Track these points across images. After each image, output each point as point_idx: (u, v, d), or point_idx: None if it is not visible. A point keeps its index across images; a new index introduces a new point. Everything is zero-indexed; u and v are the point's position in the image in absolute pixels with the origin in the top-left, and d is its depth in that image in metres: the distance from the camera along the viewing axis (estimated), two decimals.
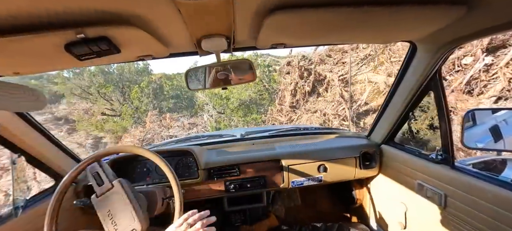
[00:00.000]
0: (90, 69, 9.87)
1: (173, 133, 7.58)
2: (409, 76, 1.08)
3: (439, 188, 1.00)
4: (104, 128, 9.05)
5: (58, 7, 0.48)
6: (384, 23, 0.71)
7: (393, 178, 1.34)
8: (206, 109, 8.44)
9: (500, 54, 3.75)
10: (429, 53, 0.93)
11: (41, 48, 0.63)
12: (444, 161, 1.00)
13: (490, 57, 3.85)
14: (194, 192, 1.33)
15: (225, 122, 7.85)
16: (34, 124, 1.04)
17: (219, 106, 8.09)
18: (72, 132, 9.91)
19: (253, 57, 8.01)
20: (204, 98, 8.52)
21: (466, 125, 0.99)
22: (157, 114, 8.70)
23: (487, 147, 1.01)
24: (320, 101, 6.31)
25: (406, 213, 1.25)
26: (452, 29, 0.76)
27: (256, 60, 8.04)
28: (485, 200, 0.82)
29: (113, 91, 9.83)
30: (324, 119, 5.94)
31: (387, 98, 1.27)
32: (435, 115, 3.80)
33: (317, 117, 6.08)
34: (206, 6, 0.52)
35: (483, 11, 0.63)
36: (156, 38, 0.70)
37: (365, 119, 5.57)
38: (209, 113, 8.21)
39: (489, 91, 3.81)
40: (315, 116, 6.15)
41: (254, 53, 8.08)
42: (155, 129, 7.87)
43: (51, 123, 11.15)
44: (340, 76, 6.06)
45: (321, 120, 6.00)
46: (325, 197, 1.91)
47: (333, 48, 6.32)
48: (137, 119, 9.10)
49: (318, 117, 6.06)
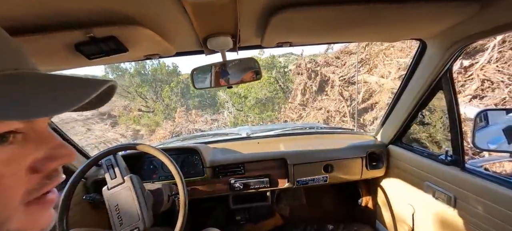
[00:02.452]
0: (130, 71, 11.65)
1: (198, 127, 8.75)
2: (418, 76, 1.05)
3: (448, 190, 0.98)
4: (141, 122, 10.49)
5: (67, 7, 0.49)
6: (393, 21, 0.70)
7: (400, 179, 1.31)
8: (226, 107, 9.28)
9: (479, 58, 4.24)
10: (439, 52, 0.90)
11: (53, 48, 0.65)
12: (454, 162, 0.97)
13: (469, 60, 4.33)
14: (199, 189, 1.35)
15: (243, 118, 8.49)
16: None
17: (238, 104, 8.79)
18: (115, 125, 11.51)
19: (269, 58, 8.72)
20: (225, 97, 9.34)
21: (478, 125, 0.96)
22: (184, 111, 9.85)
23: (500, 148, 0.97)
24: (325, 99, 6.86)
25: (414, 215, 1.22)
26: (464, 27, 0.74)
27: (272, 60, 8.67)
28: (497, 204, 0.79)
29: (147, 91, 11.29)
30: (327, 115, 6.52)
31: (394, 98, 1.25)
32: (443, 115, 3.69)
33: (321, 114, 6.64)
34: (212, 5, 0.52)
35: (497, 8, 0.61)
36: (163, 37, 0.70)
37: (365, 115, 5.98)
38: (229, 110, 9.05)
39: (466, 90, 4.25)
40: (320, 113, 6.71)
41: (270, 55, 8.86)
42: (183, 124, 9.06)
43: (97, 117, 12.92)
44: (340, 77, 6.64)
45: (325, 116, 6.52)
46: (330, 197, 1.90)
47: (339, 51, 7.02)
48: (167, 115, 10.30)
49: (322, 113, 6.62)
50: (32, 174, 0.25)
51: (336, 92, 6.46)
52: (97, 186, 1.23)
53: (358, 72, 6.34)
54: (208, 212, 1.82)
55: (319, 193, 1.90)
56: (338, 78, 6.60)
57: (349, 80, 6.51)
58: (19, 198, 0.24)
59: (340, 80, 6.59)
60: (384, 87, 5.73)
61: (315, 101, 7.12)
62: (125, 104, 11.88)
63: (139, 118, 10.62)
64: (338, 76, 6.62)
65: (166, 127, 9.24)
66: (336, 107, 6.42)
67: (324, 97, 6.88)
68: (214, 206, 1.82)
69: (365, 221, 1.68)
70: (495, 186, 0.81)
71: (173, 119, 9.79)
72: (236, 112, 8.79)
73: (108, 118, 12.19)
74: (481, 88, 4.15)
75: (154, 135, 9.36)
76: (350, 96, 6.29)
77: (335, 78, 6.63)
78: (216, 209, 1.82)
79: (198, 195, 1.35)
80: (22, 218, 0.24)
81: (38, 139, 0.26)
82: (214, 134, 1.86)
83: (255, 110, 8.35)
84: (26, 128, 0.24)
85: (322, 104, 6.81)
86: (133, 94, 11.46)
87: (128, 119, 10.75)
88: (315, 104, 7.05)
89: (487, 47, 4.15)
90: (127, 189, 0.88)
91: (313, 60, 7.36)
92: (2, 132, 0.22)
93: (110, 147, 1.00)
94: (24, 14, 0.50)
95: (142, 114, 10.92)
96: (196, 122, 9.10)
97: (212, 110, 10.29)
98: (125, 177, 0.89)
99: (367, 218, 1.67)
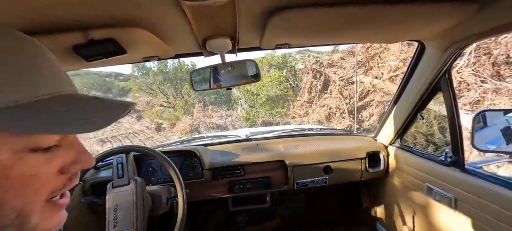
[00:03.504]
0: (153, 69, 13.04)
1: (213, 121, 9.93)
2: (417, 77, 1.06)
3: (449, 191, 0.97)
4: (163, 116, 11.84)
5: (66, 9, 0.49)
6: (391, 22, 0.70)
7: (400, 180, 1.31)
8: (239, 103, 10.20)
9: (459, 61, 4.68)
10: (438, 53, 0.90)
11: (51, 50, 0.65)
12: (454, 163, 0.97)
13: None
14: (198, 192, 1.34)
15: (254, 114, 9.33)
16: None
17: (251, 101, 9.65)
18: (140, 119, 13.28)
19: (280, 58, 9.63)
20: (238, 94, 10.13)
21: (476, 126, 0.96)
22: (202, 106, 11.25)
23: (499, 149, 0.97)
24: (328, 97, 7.61)
25: (414, 217, 1.22)
26: (463, 28, 0.74)
27: (284, 60, 9.44)
28: (497, 205, 0.79)
29: (169, 88, 12.45)
30: (329, 112, 7.25)
31: (394, 99, 1.25)
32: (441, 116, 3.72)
33: (324, 110, 7.38)
34: (210, 7, 0.52)
35: (495, 8, 0.61)
36: (162, 39, 0.70)
37: (362, 112, 6.64)
38: (242, 106, 9.98)
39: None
40: (322, 110, 7.46)
41: (282, 54, 9.57)
42: (200, 118, 10.34)
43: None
44: (340, 78, 7.31)
45: (327, 112, 7.27)
46: (330, 199, 1.89)
47: (346, 51, 7.65)
48: (186, 110, 11.56)
49: (325, 110, 7.34)
50: (60, 174, 0.29)
51: (336, 91, 7.16)
52: (94, 189, 1.22)
53: (356, 73, 6.82)
54: (207, 215, 1.81)
55: (318, 195, 1.89)
56: (338, 79, 7.28)
57: (348, 80, 7.14)
58: (45, 195, 0.28)
59: (340, 80, 7.24)
60: (377, 87, 6.27)
61: (319, 99, 7.87)
62: (148, 100, 13.45)
63: (161, 113, 11.98)
64: (338, 77, 7.30)
65: (186, 121, 10.50)
66: (336, 104, 7.14)
67: (327, 96, 7.62)
68: (213, 209, 1.81)
69: (365, 223, 1.67)
70: (495, 186, 0.80)
71: (191, 114, 11.07)
72: (248, 109, 9.64)
73: (133, 112, 13.90)
74: (458, 88, 4.64)
75: (175, 128, 10.53)
76: (349, 95, 6.95)
77: (336, 78, 7.33)
78: (215, 211, 1.81)
79: (197, 198, 1.34)
80: (41, 214, 0.28)
81: (69, 145, 0.30)
82: (213, 136, 1.85)
83: (266, 107, 9.10)
84: (61, 136, 0.29)
85: (325, 102, 7.58)
86: (156, 91, 12.94)
87: (151, 114, 12.27)
88: (320, 102, 7.77)
89: (466, 52, 4.58)
90: (130, 192, 0.88)
91: (318, 61, 8.09)
92: (48, 146, 0.27)
93: (112, 148, 1.00)
94: (21, 16, 0.49)
95: (164, 109, 12.24)
96: (212, 117, 10.43)
97: (227, 107, 11.34)
98: (131, 179, 0.89)
99: (367, 220, 1.66)
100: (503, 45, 4.39)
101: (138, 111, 13.63)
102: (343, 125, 7.00)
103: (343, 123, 7.00)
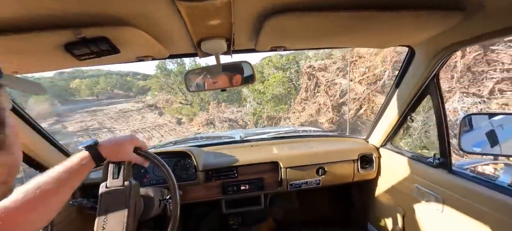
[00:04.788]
0: (173, 70, 14.76)
1: (226, 116, 11.46)
2: (407, 81, 1.09)
3: (436, 192, 1.01)
4: (182, 112, 13.72)
5: (57, 7, 0.48)
6: (382, 28, 0.72)
7: (391, 181, 1.34)
8: (248, 101, 11.47)
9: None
10: (427, 58, 0.94)
11: (41, 48, 0.63)
12: (442, 165, 1.01)
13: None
14: (191, 193, 1.32)
15: (260, 110, 10.57)
16: (26, 118, 0.99)
17: (258, 99, 10.95)
18: (161, 115, 15.34)
19: (285, 59, 10.78)
20: (247, 93, 11.47)
21: (463, 129, 1.00)
22: (216, 104, 12.55)
23: (484, 151, 1.01)
24: (318, 95, 8.93)
25: (404, 217, 1.25)
26: (450, 34, 0.77)
27: (288, 61, 10.66)
28: (482, 205, 0.82)
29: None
30: (318, 107, 8.71)
31: (385, 102, 1.28)
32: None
33: (315, 106, 8.79)
34: (206, 8, 0.52)
35: (480, 17, 0.64)
36: (156, 39, 0.70)
37: (343, 107, 7.95)
38: (250, 103, 11.28)
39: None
40: (314, 106, 8.85)
41: (286, 57, 10.73)
42: (215, 113, 11.73)
43: (147, 108, 17.06)
44: (326, 80, 8.63)
45: (317, 108, 8.72)
46: (323, 200, 1.91)
47: (340, 56, 8.75)
48: (202, 107, 13.22)
49: (316, 106, 8.78)
50: None
51: (322, 91, 8.67)
52: (84, 191, 1.18)
53: (337, 76, 8.18)
54: (201, 217, 1.79)
55: (312, 196, 1.91)
56: (325, 80, 8.62)
57: (332, 82, 8.58)
58: None
59: (326, 82, 8.57)
60: (350, 88, 7.48)
61: (313, 97, 9.11)
62: (167, 98, 15.69)
63: (180, 109, 13.84)
64: (325, 79, 8.66)
65: (202, 116, 12.20)
66: (323, 101, 8.60)
67: (317, 94, 9.00)
68: (206, 211, 1.79)
69: (357, 224, 1.70)
70: (481, 187, 0.84)
71: (207, 110, 12.59)
72: (256, 105, 10.93)
73: (155, 109, 16.33)
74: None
75: (193, 122, 12.45)
76: (333, 93, 8.39)
77: (323, 80, 8.69)
78: (209, 214, 1.80)
79: (190, 200, 1.33)
80: None
81: None
82: (207, 137, 1.84)
83: (271, 104, 10.30)
84: None
85: (316, 100, 8.94)
86: (175, 90, 14.85)
87: (171, 110, 14.37)
88: (312, 100, 9.09)
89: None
90: (123, 195, 0.85)
91: (311, 66, 9.30)
92: None
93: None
94: (9, 12, 0.48)
95: (182, 106, 14.01)
96: (224, 112, 11.84)
97: (238, 104, 12.66)
98: (126, 182, 0.86)
99: (359, 220, 1.69)
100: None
101: (159, 108, 15.93)
102: (327, 117, 8.18)
103: (328, 115, 8.34)
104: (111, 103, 22.55)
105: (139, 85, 26.22)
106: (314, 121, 8.56)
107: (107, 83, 28.22)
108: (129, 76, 30.95)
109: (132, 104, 20.47)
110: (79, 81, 27.19)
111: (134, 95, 26.02)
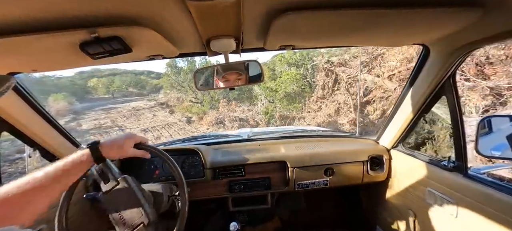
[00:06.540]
0: (184, 68, 14.81)
1: (236, 115, 11.13)
2: (421, 80, 1.05)
3: (450, 196, 0.97)
4: (192, 110, 13.53)
5: (73, 7, 0.50)
6: (396, 26, 0.70)
7: (402, 184, 1.30)
8: (260, 99, 11.11)
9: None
10: (442, 57, 0.90)
11: (58, 47, 0.66)
12: (457, 168, 0.97)
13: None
14: (199, 191, 1.34)
15: (272, 108, 10.14)
16: (39, 109, 1.01)
17: (270, 97, 10.45)
18: (172, 113, 15.26)
19: (299, 55, 9.98)
20: (259, 90, 11.07)
21: (481, 131, 0.95)
22: (226, 102, 12.30)
23: (504, 155, 0.96)
24: (337, 94, 8.26)
25: (415, 221, 1.21)
26: (468, 33, 0.73)
27: (302, 57, 9.92)
28: (500, 211, 0.78)
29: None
30: (338, 106, 7.96)
31: (397, 102, 1.24)
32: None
33: (334, 105, 8.08)
34: (215, 7, 0.53)
35: (500, 13, 0.61)
36: (167, 38, 0.71)
37: (368, 107, 7.08)
38: (262, 102, 10.93)
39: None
40: (333, 105, 8.16)
41: (301, 53, 9.93)
42: (225, 112, 11.46)
43: (159, 106, 17.17)
44: (347, 76, 7.85)
45: (336, 107, 8.00)
46: (331, 201, 1.89)
47: (349, 55, 8.23)
48: (212, 105, 12.99)
49: (335, 105, 8.06)
50: None
51: (343, 88, 7.87)
52: (97, 185, 1.23)
53: (361, 71, 7.48)
54: (207, 214, 1.82)
55: (319, 197, 1.89)
56: (346, 77, 7.93)
57: (354, 79, 7.84)
58: None
59: (347, 78, 7.90)
60: (377, 84, 6.84)
61: (331, 95, 8.58)
62: (178, 96, 15.72)
63: (190, 108, 13.75)
64: (346, 75, 7.96)
65: (212, 115, 11.92)
66: (344, 100, 7.84)
67: (336, 92, 8.32)
68: (213, 208, 1.82)
69: (365, 226, 1.67)
70: (498, 193, 0.80)
71: (217, 109, 12.35)
72: (268, 104, 10.47)
73: (166, 107, 16.57)
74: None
75: (203, 120, 12.07)
76: (355, 91, 7.63)
77: (344, 76, 8.00)
78: (215, 211, 1.82)
79: (198, 197, 1.35)
80: None
81: None
82: (215, 135, 1.86)
83: (284, 102, 9.78)
84: None
85: (335, 98, 8.27)
86: (185, 88, 14.79)
87: (182, 108, 14.26)
88: (331, 98, 8.44)
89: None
90: (124, 188, 0.86)
91: (329, 61, 8.63)
92: None
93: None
94: (28, 13, 0.50)
95: (192, 104, 13.98)
96: (235, 111, 11.52)
97: (248, 102, 12.34)
98: (119, 178, 0.87)
99: (367, 223, 1.65)
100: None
101: (169, 106, 16.01)
102: (349, 118, 7.48)
103: (350, 116, 7.51)
104: (126, 101, 23.18)
105: (152, 84, 27.12)
106: (333, 121, 7.85)
107: (122, 81, 29.19)
108: (143, 75, 32.16)
109: (144, 102, 20.97)
110: (96, 80, 28.06)
111: (147, 93, 26.71)
